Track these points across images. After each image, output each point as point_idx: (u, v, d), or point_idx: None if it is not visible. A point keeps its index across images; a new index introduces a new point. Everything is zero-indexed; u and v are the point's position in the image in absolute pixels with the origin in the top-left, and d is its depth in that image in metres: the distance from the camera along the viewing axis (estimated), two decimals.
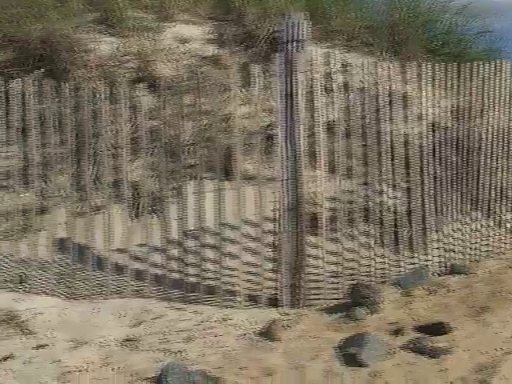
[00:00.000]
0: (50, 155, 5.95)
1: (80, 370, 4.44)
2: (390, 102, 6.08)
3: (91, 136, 5.86)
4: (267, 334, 4.97)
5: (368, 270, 5.93)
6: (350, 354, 4.63)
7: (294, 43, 5.44)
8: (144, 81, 6.52)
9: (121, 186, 5.86)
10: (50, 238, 5.83)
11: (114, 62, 7.22)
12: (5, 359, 4.56)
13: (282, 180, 5.47)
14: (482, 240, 6.63)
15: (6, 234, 5.96)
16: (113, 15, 7.77)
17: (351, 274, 5.81)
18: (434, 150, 6.29)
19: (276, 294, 5.55)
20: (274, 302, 5.51)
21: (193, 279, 5.64)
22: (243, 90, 6.53)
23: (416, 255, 6.20)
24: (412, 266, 6.11)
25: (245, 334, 5.01)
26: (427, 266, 6.18)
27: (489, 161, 6.61)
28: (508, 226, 6.82)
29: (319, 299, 5.58)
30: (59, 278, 5.71)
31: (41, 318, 5.15)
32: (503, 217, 6.80)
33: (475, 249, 6.56)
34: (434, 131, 6.31)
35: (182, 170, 5.86)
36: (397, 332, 5.00)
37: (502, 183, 6.76)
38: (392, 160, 6.06)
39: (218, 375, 4.34)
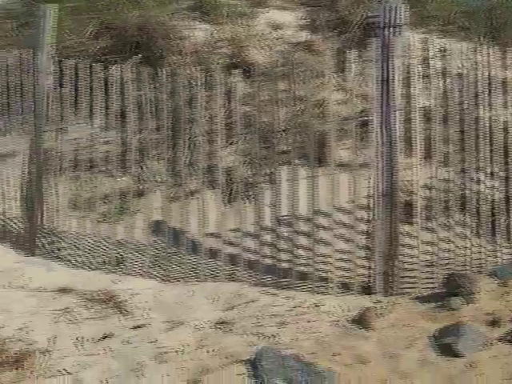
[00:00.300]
0: (146, 141, 6.08)
1: (176, 351, 4.52)
2: (489, 87, 5.92)
3: (186, 122, 5.96)
4: (360, 321, 4.93)
5: (464, 260, 5.80)
6: (446, 344, 4.55)
7: (391, 28, 5.35)
8: (237, 67, 6.57)
9: (215, 171, 5.93)
10: (145, 222, 5.98)
11: (208, 48, 7.30)
12: (104, 338, 4.70)
13: (377, 167, 5.41)
14: None
15: (104, 217, 6.15)
16: (207, 2, 7.88)
17: (446, 264, 5.71)
18: None
19: (369, 281, 5.50)
20: (366, 290, 5.47)
21: (285, 265, 5.67)
22: (337, 75, 6.50)
23: None
24: (509, 257, 5.94)
25: (337, 321, 4.98)
26: None
27: None
28: None
29: (413, 288, 5.50)
30: (155, 261, 5.85)
31: (137, 298, 5.28)
32: None
33: None
34: None
35: (275, 156, 5.87)
36: (493, 323, 4.87)
37: None
38: (490, 147, 5.90)
39: (312, 360, 4.34)
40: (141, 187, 6.26)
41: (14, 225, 6.51)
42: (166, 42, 7.21)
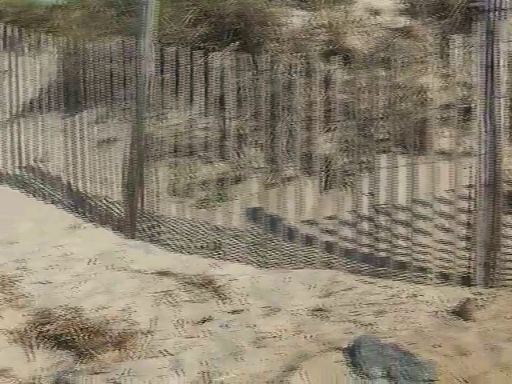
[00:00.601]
0: (244, 127, 6.13)
1: (274, 336, 4.55)
2: None
3: (284, 108, 5.96)
4: (460, 312, 4.84)
5: None
6: None
7: (497, 12, 5.19)
8: (335, 53, 6.52)
9: (312, 158, 5.92)
10: (243, 208, 6.03)
11: (305, 35, 7.27)
12: (203, 321, 4.78)
13: (480, 155, 5.27)
14: None
15: (203, 203, 6.24)
16: None
17: None
18: None
19: (469, 272, 5.37)
20: (466, 281, 5.35)
21: (383, 254, 5.61)
22: (437, 61, 6.37)
23: None
24: None
25: (436, 312, 4.90)
26: None
27: None
28: None
29: None
30: (251, 247, 5.90)
31: (235, 284, 5.34)
32: None
33: None
34: None
35: (373, 144, 5.81)
36: None
37: None
38: None
39: (411, 351, 4.29)
40: (238, 173, 6.31)
41: (115, 209, 6.69)
42: (263, 28, 7.23)
